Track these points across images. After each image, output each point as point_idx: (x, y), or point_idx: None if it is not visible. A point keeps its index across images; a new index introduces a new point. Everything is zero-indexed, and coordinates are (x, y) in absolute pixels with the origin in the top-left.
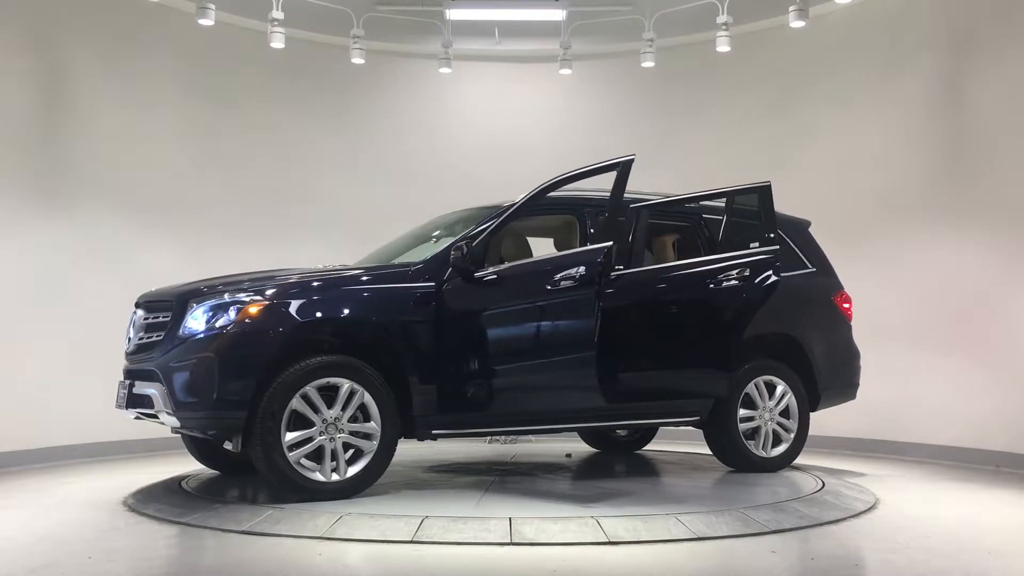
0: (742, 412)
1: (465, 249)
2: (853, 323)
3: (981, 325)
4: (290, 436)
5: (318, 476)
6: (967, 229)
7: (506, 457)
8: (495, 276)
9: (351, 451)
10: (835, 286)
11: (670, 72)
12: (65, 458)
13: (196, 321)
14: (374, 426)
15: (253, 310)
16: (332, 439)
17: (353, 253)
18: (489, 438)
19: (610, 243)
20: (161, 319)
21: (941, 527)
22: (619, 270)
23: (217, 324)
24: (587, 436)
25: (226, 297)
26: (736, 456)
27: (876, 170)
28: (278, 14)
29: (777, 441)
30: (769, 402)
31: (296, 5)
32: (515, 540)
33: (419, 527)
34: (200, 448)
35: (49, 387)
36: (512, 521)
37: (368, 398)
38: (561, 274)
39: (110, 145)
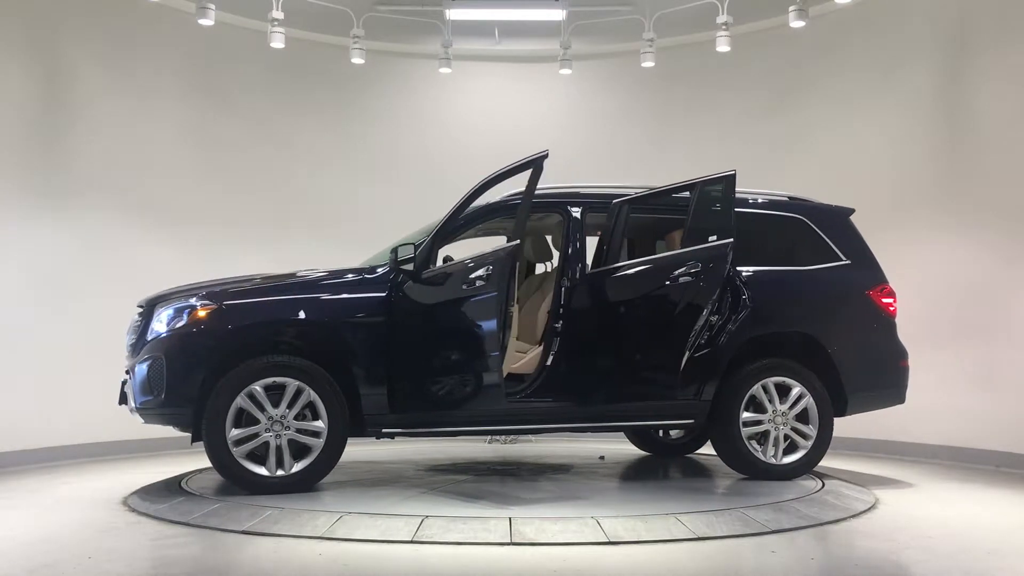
0: (746, 415)
1: (396, 256)
2: None
3: (981, 324)
4: (235, 432)
5: (262, 471)
6: (968, 228)
7: (533, 458)
8: (434, 279)
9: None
10: (872, 280)
11: (670, 72)
12: (65, 458)
13: (160, 323)
14: (321, 424)
15: (201, 314)
16: (278, 436)
17: (353, 252)
18: (489, 438)
19: (517, 242)
20: (142, 321)
21: (941, 527)
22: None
23: (172, 327)
24: (633, 438)
25: (183, 301)
26: (739, 462)
27: (876, 169)
28: (278, 14)
29: (793, 447)
30: (781, 405)
31: (296, 5)
32: (515, 540)
33: (419, 527)
34: None
35: (49, 387)
36: (512, 521)
37: (315, 397)
38: (474, 274)
39: (110, 145)
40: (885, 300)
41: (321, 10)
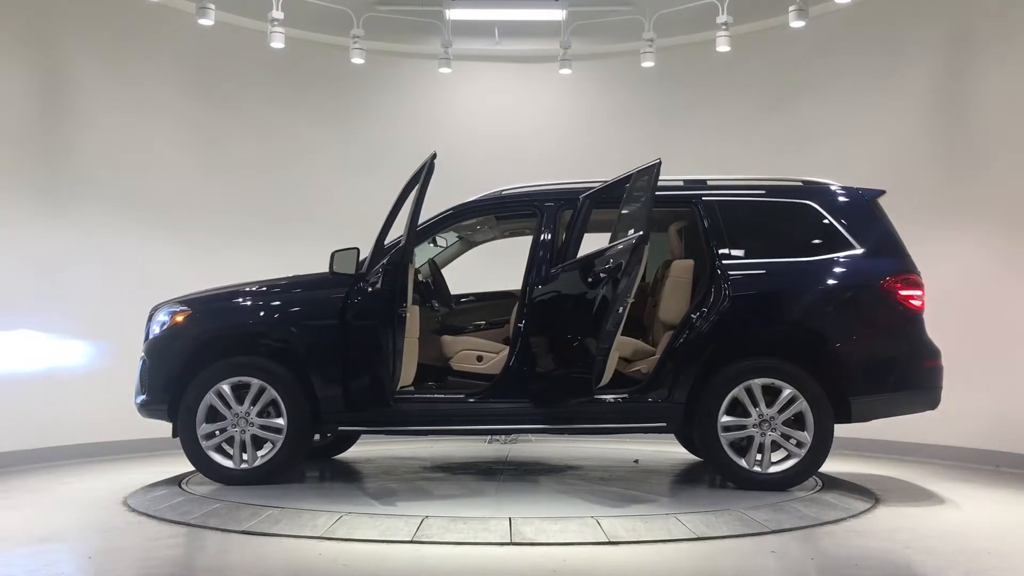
0: (727, 419)
1: (333, 260)
2: None
3: (981, 324)
4: (205, 427)
5: (228, 463)
6: (968, 227)
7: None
8: (367, 281)
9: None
10: (889, 270)
11: (670, 72)
12: (65, 458)
13: (154, 327)
14: (281, 422)
15: (179, 318)
16: (243, 431)
17: None
18: (489, 438)
19: (403, 244)
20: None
21: (941, 527)
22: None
23: (160, 330)
24: (684, 442)
25: (170, 307)
26: (721, 469)
27: (876, 169)
28: (278, 14)
29: (786, 455)
30: (768, 409)
31: (296, 5)
32: (515, 540)
33: (419, 527)
34: None
35: (49, 387)
36: (512, 521)
37: (276, 395)
38: (373, 278)
39: (110, 145)
40: (905, 292)
41: (321, 10)
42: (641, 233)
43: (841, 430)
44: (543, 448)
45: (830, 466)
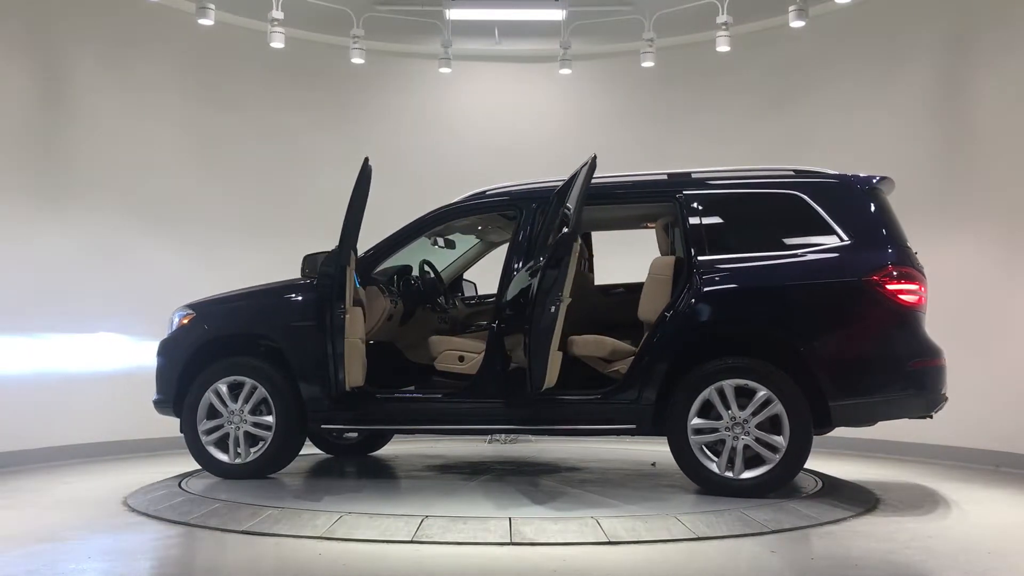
0: (697, 422)
1: (304, 264)
2: None
3: (981, 323)
4: (205, 424)
5: (225, 458)
6: (968, 227)
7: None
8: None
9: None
10: (876, 262)
11: (670, 72)
12: (65, 458)
13: (170, 328)
14: (270, 419)
15: (185, 320)
16: (238, 428)
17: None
18: (489, 437)
19: (338, 247)
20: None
21: (941, 527)
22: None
23: (171, 331)
24: None
25: (182, 310)
26: (693, 475)
27: (876, 169)
28: (278, 14)
29: (757, 461)
30: (741, 412)
31: (296, 5)
32: (515, 540)
33: (419, 527)
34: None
35: (50, 387)
36: (512, 521)
37: (265, 394)
38: (318, 280)
39: (110, 145)
40: (894, 287)
41: (321, 10)
42: (568, 230)
43: (841, 430)
44: (543, 448)
45: (830, 466)
